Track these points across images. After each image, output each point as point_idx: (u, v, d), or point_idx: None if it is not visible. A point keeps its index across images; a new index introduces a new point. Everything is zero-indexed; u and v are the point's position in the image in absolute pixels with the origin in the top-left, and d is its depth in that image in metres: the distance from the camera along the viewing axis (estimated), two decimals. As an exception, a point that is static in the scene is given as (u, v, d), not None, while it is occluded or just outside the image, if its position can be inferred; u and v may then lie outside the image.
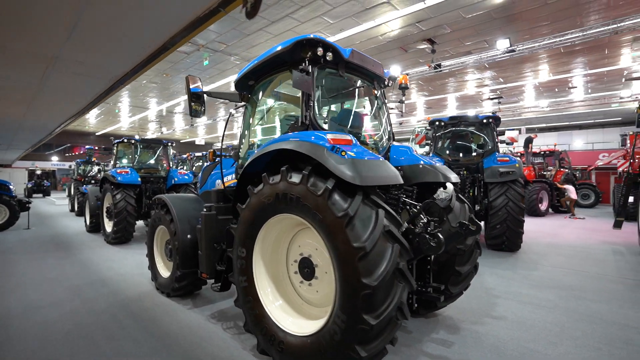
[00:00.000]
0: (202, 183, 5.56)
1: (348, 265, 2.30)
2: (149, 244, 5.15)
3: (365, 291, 2.21)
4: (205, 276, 3.92)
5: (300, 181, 2.60)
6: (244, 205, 3.12)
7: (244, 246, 3.15)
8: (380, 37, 10.82)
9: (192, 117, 3.92)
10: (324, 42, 3.20)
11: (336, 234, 2.37)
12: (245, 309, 3.15)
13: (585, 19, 8.95)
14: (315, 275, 2.90)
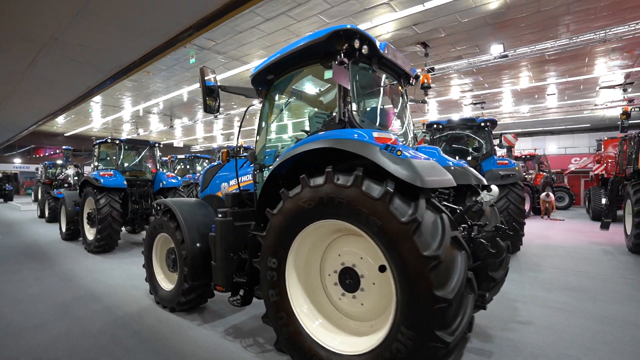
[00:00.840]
0: (204, 186, 5.16)
1: (416, 276, 2.07)
2: (146, 254, 4.68)
3: (439, 305, 1.98)
4: (221, 289, 3.55)
5: (352, 183, 2.35)
6: (275, 210, 2.82)
7: (275, 256, 2.84)
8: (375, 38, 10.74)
9: (205, 112, 3.55)
10: (362, 34, 2.97)
11: (401, 242, 2.13)
12: (277, 326, 2.83)
13: (573, 27, 9.31)
14: (360, 286, 2.64)
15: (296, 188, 2.70)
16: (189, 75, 14.68)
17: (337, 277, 2.77)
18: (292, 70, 3.51)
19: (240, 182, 4.45)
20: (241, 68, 13.58)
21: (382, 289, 2.57)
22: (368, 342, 2.43)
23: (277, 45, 11.44)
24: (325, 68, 3.15)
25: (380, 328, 2.52)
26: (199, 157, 16.46)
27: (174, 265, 4.31)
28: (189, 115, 23.49)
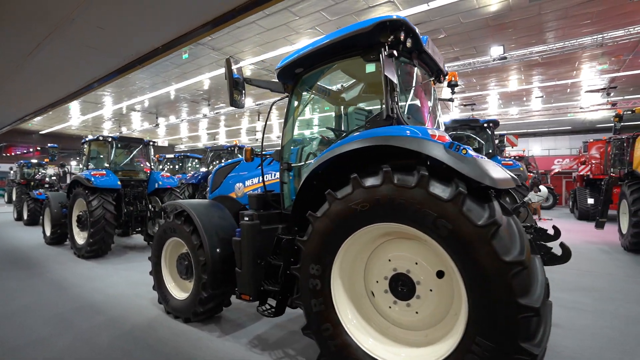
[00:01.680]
0: (215, 186, 4.87)
1: (495, 283, 1.91)
2: (155, 260, 4.33)
3: (524, 314, 1.83)
4: (247, 298, 3.30)
5: (416, 184, 2.17)
6: (320, 213, 2.60)
7: (319, 262, 2.62)
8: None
9: (231, 106, 3.29)
10: (408, 26, 2.80)
11: (476, 247, 1.96)
12: (322, 339, 2.61)
13: (569, 31, 9.53)
14: (415, 294, 2.46)
15: (345, 188, 2.50)
16: (178, 72, 14.15)
17: (387, 284, 2.58)
18: (325, 64, 3.30)
19: (260, 182, 4.21)
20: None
21: (440, 296, 2.40)
22: (430, 353, 2.26)
23: (274, 43, 11.16)
24: (366, 61, 2.95)
25: (439, 338, 2.35)
26: (189, 156, 15.89)
27: (187, 272, 4.00)
28: (175, 114, 22.75)
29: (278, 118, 24.44)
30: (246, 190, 4.35)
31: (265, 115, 23.45)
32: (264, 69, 13.56)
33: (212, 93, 17.68)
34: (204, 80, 15.32)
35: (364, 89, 3.61)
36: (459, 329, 2.13)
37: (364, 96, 3.65)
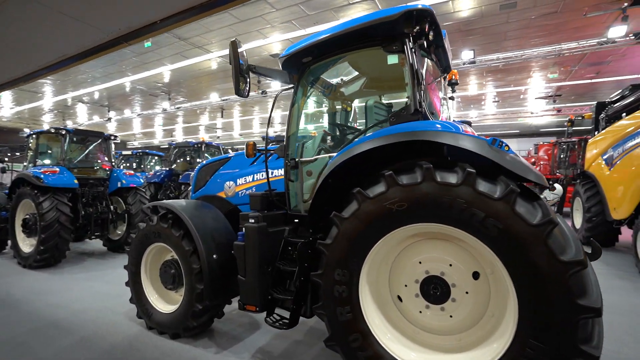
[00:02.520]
0: (199, 185, 4.44)
1: (551, 284, 1.84)
2: (133, 270, 3.81)
3: (584, 315, 1.78)
4: (253, 309, 2.98)
5: (462, 181, 2.04)
6: (347, 213, 2.39)
7: (346, 267, 2.41)
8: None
9: (236, 94, 2.95)
10: (433, 17, 2.69)
11: (531, 247, 1.88)
12: (350, 350, 2.40)
13: (529, 41, 10.25)
14: (451, 297, 2.34)
15: (376, 187, 2.31)
16: (137, 61, 12.99)
17: (418, 288, 2.44)
18: (337, 54, 3.08)
19: (255, 180, 3.88)
20: (201, 57, 12.42)
21: (477, 298, 2.31)
22: (478, 357, 2.15)
23: (247, 36, 10.63)
24: (387, 52, 2.78)
25: (477, 342, 2.26)
26: (148, 153, 14.67)
27: (174, 281, 3.55)
28: (130, 107, 20.99)
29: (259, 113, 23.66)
30: (238, 189, 4.00)
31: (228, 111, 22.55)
32: (234, 62, 12.93)
33: (173, 86, 16.55)
34: (165, 72, 14.28)
35: (379, 82, 3.45)
36: (506, 331, 2.05)
37: (378, 90, 3.50)
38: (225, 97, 17.36)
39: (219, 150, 12.73)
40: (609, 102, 8.02)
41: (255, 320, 4.02)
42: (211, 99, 17.87)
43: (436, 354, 2.36)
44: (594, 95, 16.88)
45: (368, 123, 3.32)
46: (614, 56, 11.45)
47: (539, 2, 8.14)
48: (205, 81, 15.65)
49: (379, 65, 3.16)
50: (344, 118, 3.66)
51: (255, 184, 3.88)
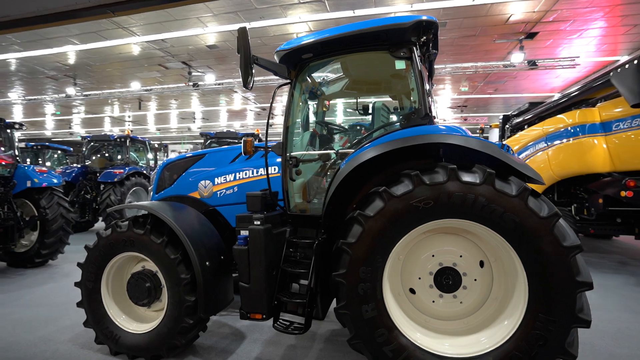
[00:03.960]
0: (163, 185, 4.01)
1: (556, 266, 2.20)
2: (90, 286, 3.19)
3: (581, 289, 2.17)
4: (260, 317, 2.81)
5: (483, 181, 2.29)
6: (372, 212, 2.44)
7: (371, 265, 2.47)
8: (296, 35, 10.60)
9: (244, 86, 2.71)
10: (437, 29, 2.92)
11: (541, 236, 2.22)
12: (376, 346, 2.46)
13: (449, 57, 11.75)
14: (462, 285, 2.60)
15: (402, 186, 2.42)
16: (35, 36, 10.64)
17: (432, 279, 2.63)
18: (341, 53, 3.11)
19: (237, 179, 3.65)
20: (122, 40, 10.82)
21: (483, 284, 2.61)
22: (489, 337, 2.42)
23: (184, 22, 9.67)
24: (395, 58, 2.93)
25: (487, 323, 2.55)
26: (50, 147, 12.17)
27: (149, 296, 3.10)
28: (9, 90, 17.10)
29: (180, 107, 21.54)
30: (217, 189, 3.70)
31: (145, 103, 20.23)
32: (163, 49, 11.67)
33: (79, 70, 14.05)
34: (70, 52, 12.07)
35: (376, 84, 3.56)
36: (516, 310, 2.36)
37: (374, 92, 3.61)
38: (147, 87, 15.51)
39: (145, 146, 11.35)
40: (512, 115, 9.73)
41: (236, 329, 3.76)
42: (132, 87, 15.75)
43: (451, 338, 2.58)
44: (489, 108, 20.23)
45: (375, 124, 3.41)
46: (508, 77, 13.91)
47: (464, 25, 9.41)
48: (123, 68, 13.73)
49: (379, 68, 3.29)
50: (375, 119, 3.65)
51: (236, 183, 3.64)
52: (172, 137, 33.37)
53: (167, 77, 14.81)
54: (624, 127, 5.51)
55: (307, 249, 2.99)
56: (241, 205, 3.54)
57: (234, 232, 3.53)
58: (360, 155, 2.59)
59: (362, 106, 4.24)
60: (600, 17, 9.03)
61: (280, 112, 24.56)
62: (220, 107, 22.74)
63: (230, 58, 12.67)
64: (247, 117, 27.05)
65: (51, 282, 5.54)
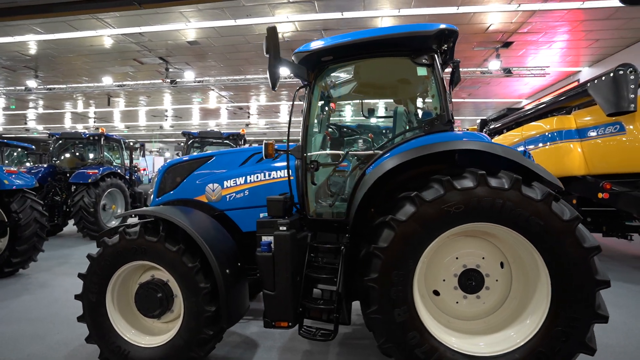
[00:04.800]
0: (166, 187, 3.85)
1: (578, 266, 2.34)
2: (94, 299, 2.96)
3: (600, 287, 2.33)
4: (286, 325, 2.75)
5: (510, 186, 2.39)
6: (405, 217, 2.48)
7: (403, 268, 2.50)
8: (282, 35, 10.48)
9: (273, 88, 2.65)
10: (456, 38, 3.02)
11: (564, 238, 2.35)
12: (408, 349, 2.49)
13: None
14: (485, 285, 2.70)
15: (431, 191, 2.47)
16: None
17: (456, 281, 2.71)
18: (361, 57, 3.13)
19: (248, 182, 3.55)
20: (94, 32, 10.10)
21: (503, 284, 2.73)
22: (514, 336, 2.53)
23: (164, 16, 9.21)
24: (417, 64, 2.98)
25: (508, 322, 2.66)
26: (8, 144, 11.12)
27: (161, 306, 2.93)
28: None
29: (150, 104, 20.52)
30: (226, 192, 3.58)
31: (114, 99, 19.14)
32: (139, 43, 11.08)
33: (42, 61, 12.98)
34: (33, 42, 11.13)
35: (397, 89, 3.61)
36: (539, 308, 2.48)
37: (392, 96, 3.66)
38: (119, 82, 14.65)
39: (120, 145, 10.71)
40: (489, 120, 10.24)
41: (246, 337, 3.67)
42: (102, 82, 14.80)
43: (476, 337, 2.67)
44: (461, 111, 21.15)
45: (397, 128, 3.44)
46: (482, 83, 14.64)
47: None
48: (92, 61, 12.88)
49: (399, 74, 3.34)
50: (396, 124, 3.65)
51: (247, 186, 3.54)
52: (141, 135, 31.76)
53: (141, 73, 14.08)
54: (598, 133, 5.99)
55: (330, 253, 2.97)
56: (252, 210, 3.46)
57: (243, 236, 3.46)
58: (392, 160, 2.61)
59: (368, 109, 4.30)
60: (568, 31, 9.76)
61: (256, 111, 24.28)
62: (193, 105, 22.04)
63: (210, 55, 12.30)
64: (222, 116, 26.50)
65: (26, 294, 5.08)
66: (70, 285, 5.27)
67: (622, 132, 5.51)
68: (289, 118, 3.10)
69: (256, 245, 3.04)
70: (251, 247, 3.24)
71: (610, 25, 9.22)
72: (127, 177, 10.30)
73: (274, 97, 20.55)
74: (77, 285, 3.05)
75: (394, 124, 3.42)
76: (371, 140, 4.16)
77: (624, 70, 5.07)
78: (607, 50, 11.02)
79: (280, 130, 31.20)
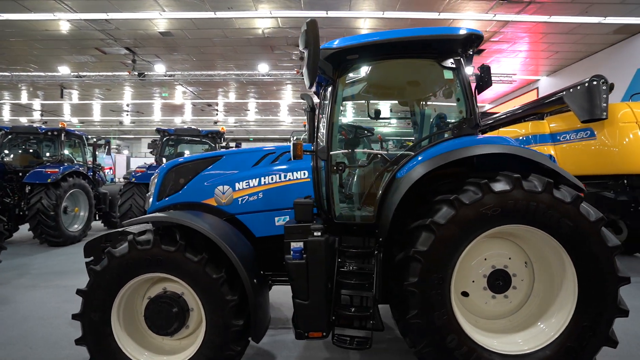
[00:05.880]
0: (168, 190, 3.56)
1: (602, 265, 2.48)
2: (97, 317, 2.62)
3: (621, 284, 2.50)
4: (320, 335, 2.64)
5: (543, 189, 2.48)
6: (443, 220, 2.48)
7: (443, 272, 2.51)
8: (262, 31, 10.16)
9: (310, 87, 2.50)
10: (481, 42, 3.08)
11: (590, 238, 2.48)
12: (447, 351, 2.50)
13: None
14: (512, 285, 2.78)
15: (469, 194, 2.50)
16: None
17: (485, 281, 2.77)
18: (387, 58, 3.10)
19: (262, 184, 3.35)
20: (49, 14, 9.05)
21: (527, 283, 2.84)
22: (540, 333, 2.63)
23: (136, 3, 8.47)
24: (443, 67, 3.00)
25: (532, 320, 2.76)
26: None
27: (176, 322, 2.66)
28: None
29: (106, 98, 18.93)
30: (237, 195, 3.35)
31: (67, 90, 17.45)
32: (104, 31, 10.15)
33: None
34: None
35: (420, 91, 3.61)
36: (565, 306, 2.60)
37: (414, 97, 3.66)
38: (77, 72, 13.34)
39: (82, 141, 9.74)
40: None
41: (258, 347, 3.46)
42: (57, 72, 13.36)
43: (503, 336, 2.75)
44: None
45: (424, 131, 3.43)
46: (451, 87, 15.33)
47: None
48: (46, 47, 11.57)
49: (423, 76, 3.34)
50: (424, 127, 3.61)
51: (261, 189, 3.33)
52: (96, 131, 29.27)
53: (101, 64, 12.91)
54: (570, 138, 6.50)
55: (359, 258, 2.89)
56: (266, 213, 3.28)
57: (256, 242, 3.27)
58: (429, 162, 2.61)
59: (375, 110, 4.28)
60: (533, 42, 10.54)
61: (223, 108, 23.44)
62: (155, 100, 20.80)
63: (182, 48, 11.62)
64: (186, 113, 25.33)
65: (-14, 312, 4.41)
66: (38, 300, 4.66)
67: (593, 137, 6.02)
68: (317, 114, 2.97)
69: (275, 251, 2.93)
70: (264, 253, 3.09)
71: (569, 39, 10.10)
72: (91, 177, 9.42)
73: (244, 94, 19.99)
74: (46, 299, 2.68)
75: (420, 126, 3.43)
76: (380, 141, 4.16)
77: (597, 81, 5.54)
78: (563, 62, 12.08)
79: (249, 128, 30.38)
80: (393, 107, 4.64)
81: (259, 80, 14.18)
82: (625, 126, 5.68)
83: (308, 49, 2.45)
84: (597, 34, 9.67)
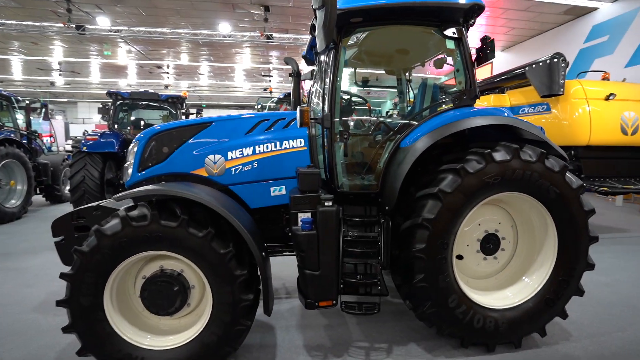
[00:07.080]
0: (150, 160, 3.28)
1: (579, 227, 2.79)
2: (88, 302, 2.38)
3: (592, 242, 2.86)
4: (330, 303, 2.69)
5: (537, 159, 2.67)
6: (450, 188, 2.59)
7: (447, 238, 2.66)
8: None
9: (322, 48, 2.31)
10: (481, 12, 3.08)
11: (572, 203, 2.76)
12: (449, 311, 2.70)
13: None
14: (501, 247, 3.03)
15: (472, 163, 2.62)
16: None
17: (479, 245, 2.99)
18: (391, 23, 2.99)
19: (256, 153, 3.18)
20: None
21: (513, 245, 3.12)
22: (525, 287, 2.94)
23: None
24: (444, 37, 2.98)
25: (516, 278, 3.07)
26: None
27: (179, 301, 2.53)
28: None
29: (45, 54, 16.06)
30: (230, 165, 3.15)
31: None
32: None
33: None
34: None
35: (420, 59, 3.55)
36: (545, 264, 2.92)
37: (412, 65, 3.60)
38: None
39: (10, 101, 8.35)
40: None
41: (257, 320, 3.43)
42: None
43: (493, 293, 3.03)
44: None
45: (425, 101, 3.40)
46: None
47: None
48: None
49: (424, 44, 3.29)
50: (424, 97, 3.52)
51: (256, 157, 3.15)
52: (19, 92, 25.24)
53: (26, 10, 10.85)
54: (527, 111, 7.03)
55: (363, 226, 2.92)
56: (261, 184, 3.15)
57: (251, 213, 3.15)
58: (435, 132, 2.66)
59: (362, 78, 4.20)
60: (493, 16, 10.93)
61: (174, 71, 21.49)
62: (91, 58, 18.37)
63: (130, 1, 10.16)
64: (130, 75, 22.83)
65: None
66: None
67: (548, 111, 6.57)
68: (299, 82, 2.81)
69: (269, 222, 3.04)
70: (260, 225, 3.01)
71: (526, 16, 10.64)
72: (26, 145, 8.22)
73: (197, 56, 18.43)
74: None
75: (420, 96, 3.42)
76: (369, 110, 4.12)
77: (557, 59, 5.95)
78: (517, 39, 12.78)
79: (202, 94, 28.34)
80: (380, 76, 4.58)
81: (218, 42, 13.06)
82: (576, 102, 6.26)
83: (325, 8, 2.26)
84: (550, 13, 10.30)
